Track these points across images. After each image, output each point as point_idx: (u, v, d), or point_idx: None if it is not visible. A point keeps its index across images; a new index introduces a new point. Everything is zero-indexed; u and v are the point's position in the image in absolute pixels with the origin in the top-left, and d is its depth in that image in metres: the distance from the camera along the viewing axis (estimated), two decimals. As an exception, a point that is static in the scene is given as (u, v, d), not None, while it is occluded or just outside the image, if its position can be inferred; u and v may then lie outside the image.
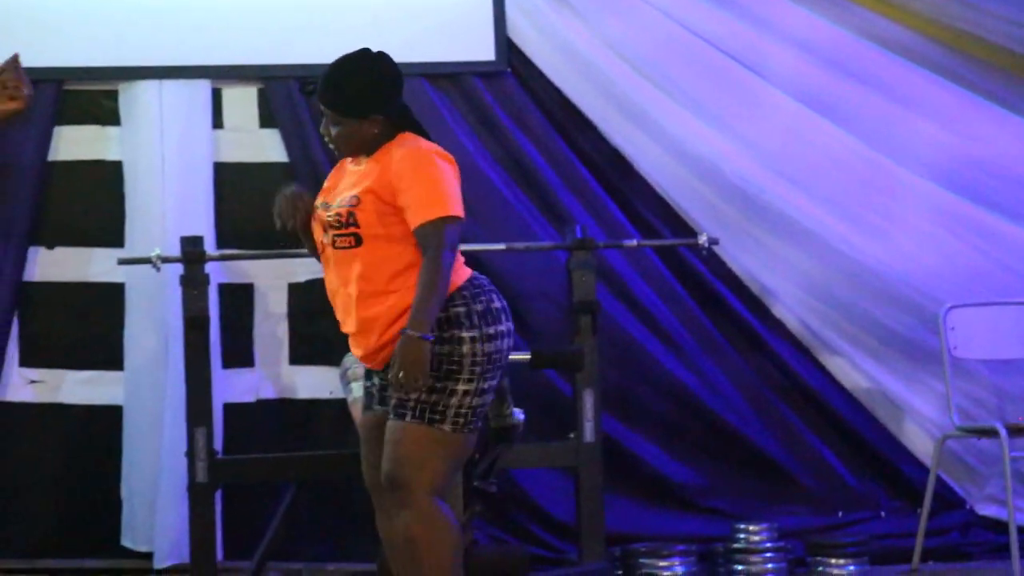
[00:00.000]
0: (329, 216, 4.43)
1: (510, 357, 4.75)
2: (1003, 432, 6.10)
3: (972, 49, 6.71)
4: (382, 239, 4.37)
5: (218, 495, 6.13)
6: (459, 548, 4.40)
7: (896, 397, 6.71)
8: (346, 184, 4.49)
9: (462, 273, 4.45)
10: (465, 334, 4.35)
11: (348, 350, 5.94)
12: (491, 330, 4.40)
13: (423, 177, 4.38)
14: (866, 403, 6.78)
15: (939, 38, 6.70)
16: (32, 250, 6.55)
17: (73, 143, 6.60)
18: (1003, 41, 6.61)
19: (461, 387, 4.34)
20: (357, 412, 5.70)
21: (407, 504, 4.33)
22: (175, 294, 6.13)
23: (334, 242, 4.43)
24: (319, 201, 4.53)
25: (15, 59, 4.02)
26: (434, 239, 4.33)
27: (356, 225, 4.38)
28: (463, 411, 4.35)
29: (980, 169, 6.71)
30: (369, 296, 4.41)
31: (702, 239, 6.35)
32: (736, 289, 6.80)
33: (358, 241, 4.38)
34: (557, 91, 6.77)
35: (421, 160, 4.41)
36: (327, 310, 6.28)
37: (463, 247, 6.38)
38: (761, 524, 6.32)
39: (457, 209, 4.39)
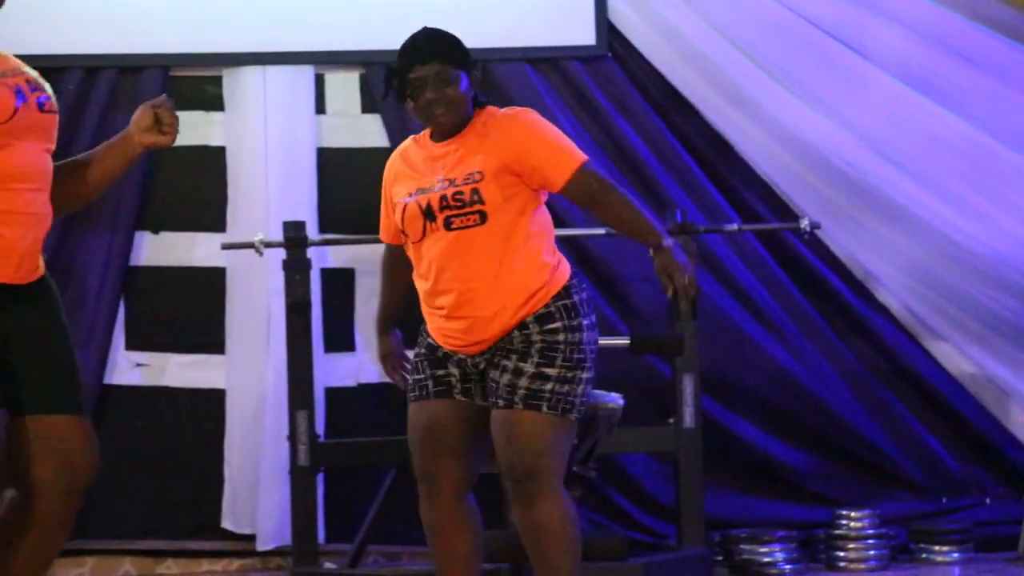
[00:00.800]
0: (444, 196, 4.28)
1: (610, 341, 4.74)
2: None
3: None
4: (508, 212, 4.27)
5: (319, 478, 6.10)
6: None
7: (1002, 382, 6.58)
8: (446, 164, 4.34)
9: (567, 263, 4.37)
10: (585, 321, 4.32)
11: None
12: (593, 317, 4.38)
13: (546, 134, 4.33)
14: (971, 388, 6.68)
15: None
16: (138, 235, 6.59)
17: (180, 128, 6.54)
18: None
19: (585, 375, 4.31)
20: None
21: (547, 494, 4.29)
22: (277, 278, 6.13)
23: (449, 223, 4.28)
24: (408, 190, 4.38)
25: (166, 98, 4.19)
26: (595, 181, 4.33)
27: (481, 202, 4.25)
28: (584, 399, 4.33)
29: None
30: (500, 274, 4.29)
31: (804, 223, 6.24)
32: (839, 273, 6.71)
33: (483, 218, 4.26)
34: (658, 75, 6.72)
35: (533, 119, 4.36)
36: None
37: (565, 231, 6.48)
38: (863, 511, 6.25)
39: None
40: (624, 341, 5.75)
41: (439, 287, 4.35)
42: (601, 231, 6.34)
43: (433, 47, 4.42)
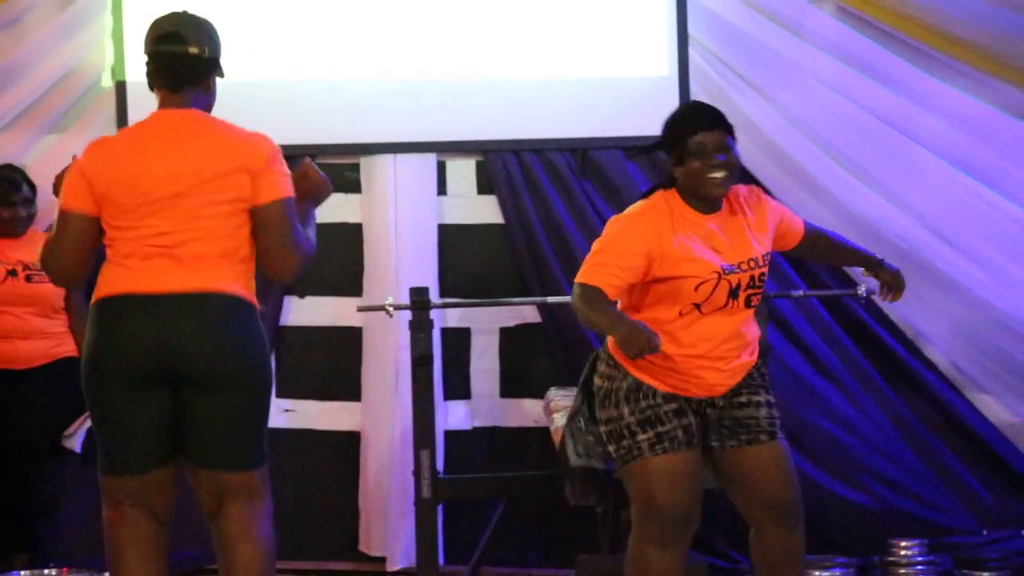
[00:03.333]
0: (753, 277, 4.30)
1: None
2: None
3: None
4: None
5: (439, 509, 6.22)
6: None
7: None
8: (733, 244, 4.31)
9: None
10: None
11: (549, 386, 6.24)
12: None
13: (779, 205, 4.51)
14: (1009, 435, 6.70)
15: None
16: (287, 299, 6.74)
17: (322, 208, 6.34)
18: None
19: None
20: (559, 438, 5.85)
21: (801, 522, 4.38)
22: (404, 336, 6.23)
23: (749, 302, 4.33)
24: (699, 264, 4.27)
25: (309, 163, 4.33)
26: (817, 231, 4.61)
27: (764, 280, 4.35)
28: None
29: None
30: (753, 337, 4.41)
31: (861, 289, 6.29)
32: (893, 333, 6.75)
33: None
34: None
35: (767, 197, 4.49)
36: (533, 350, 6.71)
37: None
38: (913, 540, 6.30)
39: None
40: None
41: (717, 352, 4.30)
42: None
43: (717, 115, 4.33)
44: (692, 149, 4.25)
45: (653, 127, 6.59)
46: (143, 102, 6.31)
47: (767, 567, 4.40)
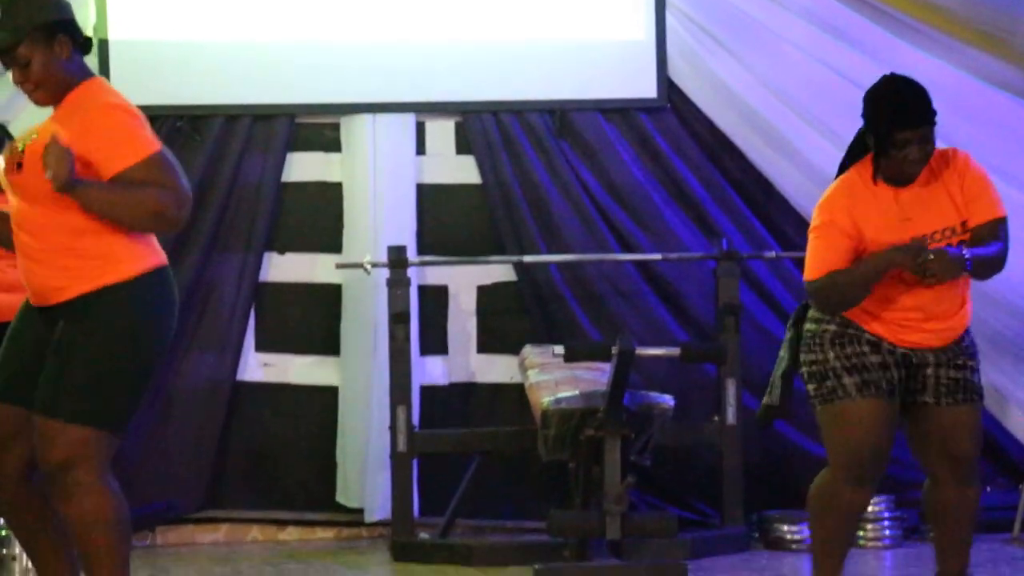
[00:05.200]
0: (950, 246, 4.20)
1: (663, 352, 4.82)
2: None
3: None
4: None
5: (415, 463, 6.19)
6: None
7: (1002, 388, 6.54)
8: (921, 212, 4.22)
9: None
10: None
11: (524, 343, 6.15)
12: None
13: (987, 178, 4.32)
14: None
15: None
16: (267, 255, 6.66)
17: (303, 167, 6.72)
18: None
19: None
20: (534, 395, 5.81)
21: (977, 478, 4.39)
22: (383, 293, 6.22)
23: None
24: (890, 234, 4.21)
25: (51, 142, 3.80)
26: (1005, 236, 4.29)
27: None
28: None
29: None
30: (963, 303, 4.33)
31: None
32: None
33: None
34: (709, 123, 6.74)
35: (969, 156, 4.33)
36: (509, 308, 6.66)
37: (630, 256, 6.56)
38: (880, 496, 6.23)
39: None
40: (675, 352, 5.75)
41: (922, 315, 4.23)
42: (657, 256, 6.47)
43: (923, 112, 4.21)
44: (896, 143, 4.20)
45: (629, 89, 6.82)
46: (126, 61, 6.42)
47: (943, 518, 4.43)
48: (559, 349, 5.55)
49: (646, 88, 6.74)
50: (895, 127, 4.16)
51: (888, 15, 6.55)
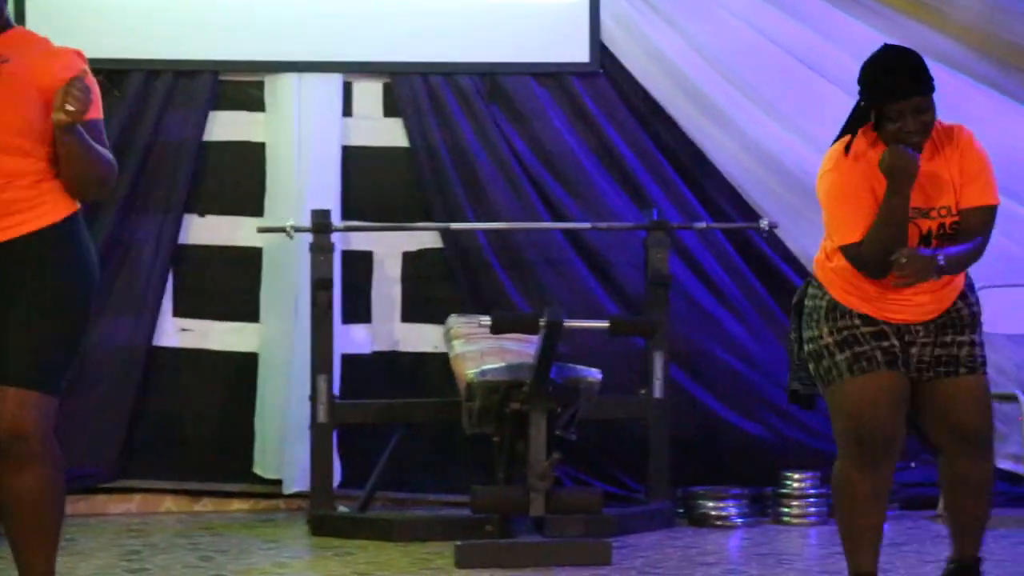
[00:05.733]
0: (943, 224, 4.08)
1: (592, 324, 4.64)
2: (1022, 397, 6.16)
3: (1009, 57, 6.50)
4: None
5: (336, 433, 6.07)
6: None
7: None
8: (922, 184, 4.06)
9: None
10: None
11: (450, 312, 6.04)
12: None
13: (987, 161, 4.16)
14: None
15: (978, 48, 6.49)
16: (186, 217, 6.49)
17: (225, 126, 6.55)
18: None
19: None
20: (459, 366, 5.72)
21: (991, 452, 4.25)
22: (305, 259, 6.08)
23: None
24: (914, 207, 4.06)
25: (76, 76, 3.67)
26: (991, 226, 4.13)
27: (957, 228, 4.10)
28: None
29: (1015, 166, 6.48)
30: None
31: (763, 223, 6.24)
32: (793, 266, 6.62)
33: None
34: (643, 90, 6.63)
35: (971, 135, 4.18)
36: (434, 275, 6.54)
37: (563, 225, 6.46)
38: (805, 472, 6.19)
39: None
40: (604, 324, 5.65)
41: (921, 288, 4.07)
42: (587, 225, 6.36)
43: (916, 82, 4.05)
44: (889, 115, 4.06)
45: (562, 53, 6.70)
46: (42, 10, 6.19)
47: (956, 494, 4.27)
48: (486, 320, 5.46)
49: (579, 53, 6.61)
50: (886, 98, 4.04)
51: None
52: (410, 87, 6.55)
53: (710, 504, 6.13)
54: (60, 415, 6.00)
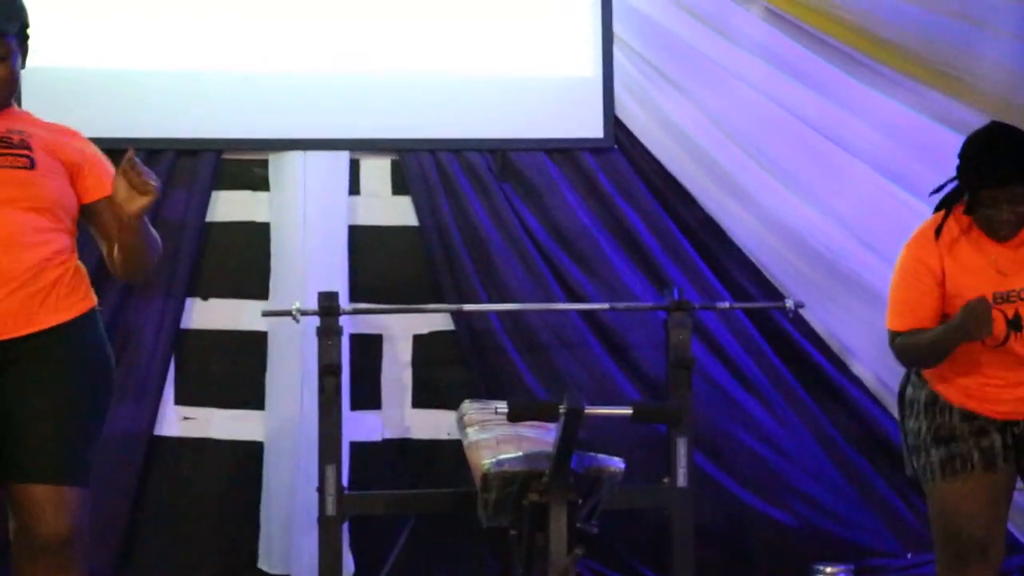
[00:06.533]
0: (1021, 308, 3.90)
1: (613, 411, 4.52)
2: None
3: None
4: None
5: (345, 525, 5.80)
6: None
7: None
8: (1014, 268, 3.92)
9: None
10: None
11: (463, 397, 5.81)
12: None
13: None
14: None
15: (1003, 117, 6.22)
16: (189, 300, 6.28)
17: (228, 206, 6.34)
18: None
19: None
20: (474, 455, 5.42)
21: None
22: (312, 343, 5.83)
23: None
24: (995, 292, 3.92)
25: (131, 156, 3.61)
26: None
27: None
28: None
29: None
30: None
31: (789, 303, 5.99)
32: (818, 347, 6.42)
33: None
34: (659, 164, 6.45)
35: None
36: (446, 359, 6.33)
37: (576, 306, 6.24)
38: (838, 565, 5.99)
39: None
40: (627, 411, 5.43)
41: (1012, 380, 3.95)
42: (605, 306, 6.14)
43: (1015, 167, 3.88)
44: (983, 201, 3.88)
45: (575, 128, 6.54)
46: (38, 89, 5.87)
47: None
48: (502, 406, 5.15)
49: (592, 127, 6.44)
50: (983, 183, 3.84)
51: (843, 53, 6.35)
52: (419, 164, 6.37)
53: (738, 597, 5.89)
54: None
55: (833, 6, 6.29)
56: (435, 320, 6.32)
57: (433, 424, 6.32)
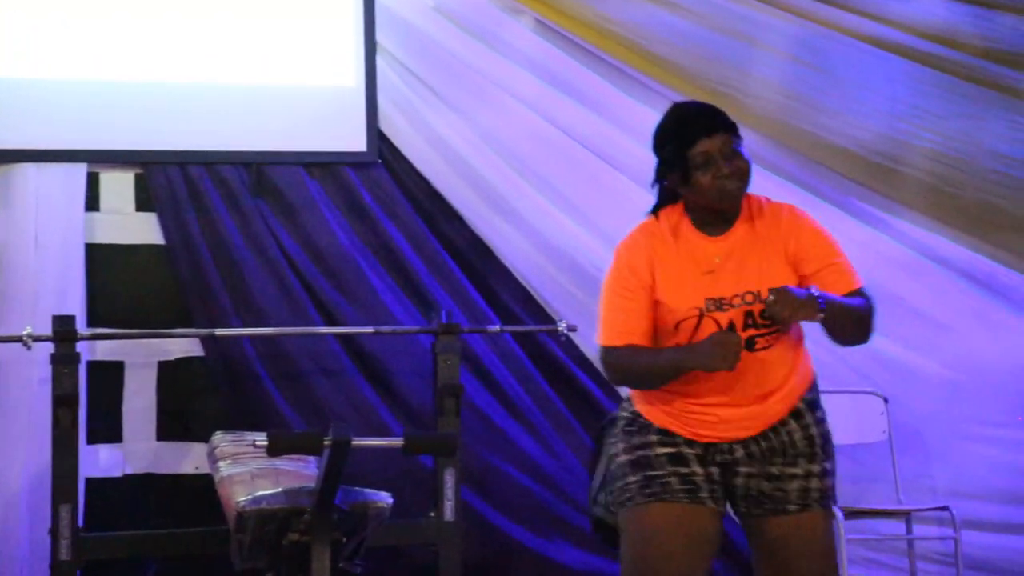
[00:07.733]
0: (750, 313, 3.45)
1: (383, 442, 4.24)
2: (839, 515, 5.57)
3: (807, 150, 6.23)
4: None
5: (81, 571, 5.36)
6: None
7: None
8: (737, 270, 3.48)
9: None
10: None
11: (215, 429, 5.40)
12: None
13: (821, 230, 3.56)
14: None
15: (776, 139, 6.22)
16: None
17: (-45, 222, 5.91)
18: (844, 143, 6.14)
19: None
20: (227, 491, 5.06)
21: None
22: (45, 371, 5.40)
23: (752, 345, 3.44)
24: (691, 299, 3.48)
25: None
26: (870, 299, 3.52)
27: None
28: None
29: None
30: (790, 381, 3.57)
31: (562, 326, 5.77)
32: (590, 372, 6.19)
33: (783, 332, 3.49)
34: (425, 181, 6.24)
35: (804, 213, 3.56)
36: (195, 388, 5.91)
37: (335, 330, 5.87)
38: None
39: None
40: (398, 442, 5.10)
41: (726, 400, 3.50)
42: (370, 329, 5.83)
43: (717, 116, 3.49)
44: (696, 162, 3.46)
45: (337, 142, 6.21)
46: None
47: None
48: (261, 438, 4.77)
49: (355, 141, 6.19)
50: (690, 141, 3.48)
51: (616, 69, 6.29)
52: (166, 178, 6.06)
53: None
54: None
55: (605, 20, 6.22)
56: (183, 345, 6.02)
57: (180, 458, 5.97)
